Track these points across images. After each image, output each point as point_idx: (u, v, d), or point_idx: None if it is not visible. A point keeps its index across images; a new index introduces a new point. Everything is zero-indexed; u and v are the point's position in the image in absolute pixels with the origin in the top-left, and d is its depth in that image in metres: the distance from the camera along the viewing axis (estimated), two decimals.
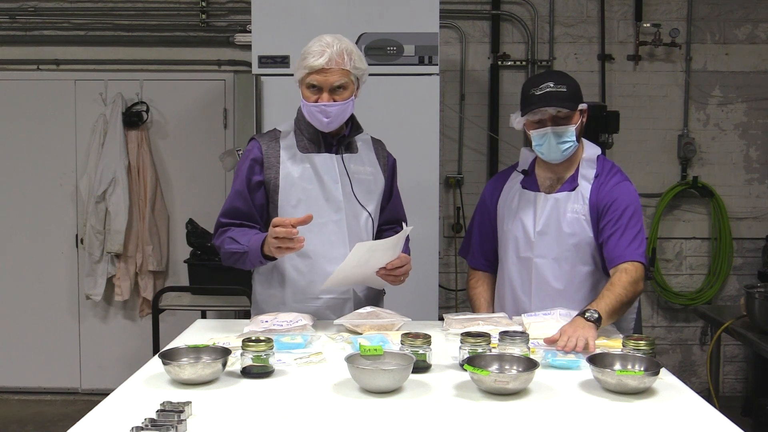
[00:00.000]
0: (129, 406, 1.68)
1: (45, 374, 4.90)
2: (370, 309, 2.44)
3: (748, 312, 3.25)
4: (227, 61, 4.81)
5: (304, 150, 2.48)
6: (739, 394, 4.88)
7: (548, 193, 2.53)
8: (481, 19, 4.83)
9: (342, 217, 2.48)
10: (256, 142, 2.52)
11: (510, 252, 2.58)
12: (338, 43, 2.39)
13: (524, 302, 2.54)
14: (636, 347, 1.95)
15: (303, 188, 2.46)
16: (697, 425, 1.62)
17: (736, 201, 4.88)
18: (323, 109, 2.40)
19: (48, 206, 4.88)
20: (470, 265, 2.79)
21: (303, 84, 2.43)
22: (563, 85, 2.43)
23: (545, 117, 2.44)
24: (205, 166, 4.82)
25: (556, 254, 2.49)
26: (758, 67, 4.83)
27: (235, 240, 2.42)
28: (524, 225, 2.54)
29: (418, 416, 1.64)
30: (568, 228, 2.48)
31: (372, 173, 2.57)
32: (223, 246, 2.45)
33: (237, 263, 2.45)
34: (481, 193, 2.77)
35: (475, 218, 2.77)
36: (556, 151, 2.46)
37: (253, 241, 2.37)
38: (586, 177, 2.52)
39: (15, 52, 4.85)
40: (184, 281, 4.60)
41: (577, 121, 2.47)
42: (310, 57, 2.37)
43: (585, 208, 2.48)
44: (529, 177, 2.61)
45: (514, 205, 2.59)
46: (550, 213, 2.50)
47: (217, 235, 2.51)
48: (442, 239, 4.73)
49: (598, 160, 2.55)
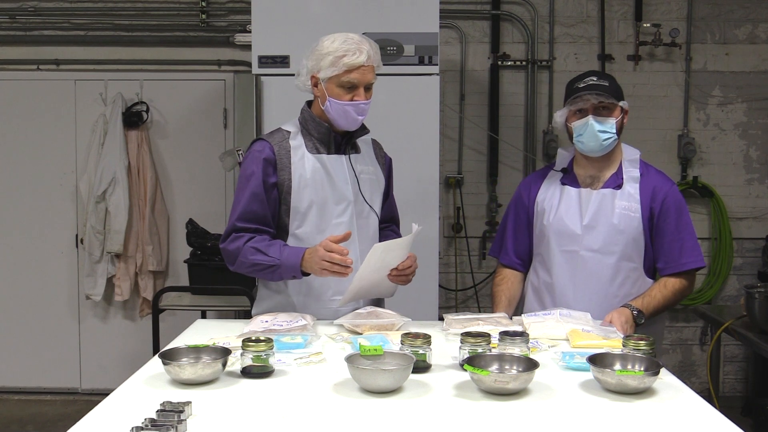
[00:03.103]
0: (129, 406, 1.68)
1: (45, 374, 4.90)
2: (370, 309, 2.44)
3: (748, 312, 3.25)
4: (227, 61, 4.81)
5: (313, 151, 2.46)
6: (739, 394, 4.88)
7: (595, 190, 2.57)
8: (481, 19, 4.83)
9: (353, 217, 2.48)
10: (265, 142, 2.46)
11: (553, 245, 2.58)
12: (367, 41, 2.40)
13: (566, 295, 2.55)
14: (636, 347, 1.94)
15: (315, 190, 2.44)
16: (697, 425, 1.62)
17: (736, 201, 4.88)
18: (360, 107, 2.40)
19: (48, 206, 4.88)
20: (502, 263, 2.78)
21: (333, 82, 2.38)
22: (606, 80, 2.55)
23: (587, 106, 2.51)
24: (205, 166, 4.82)
25: (603, 248, 2.52)
26: (758, 67, 4.83)
27: (260, 251, 2.36)
28: (569, 219, 2.56)
29: (418, 416, 1.64)
30: (619, 223, 2.51)
31: (374, 173, 2.59)
32: (246, 256, 2.37)
33: (258, 273, 2.41)
34: (516, 192, 2.78)
35: (509, 217, 2.77)
36: (595, 140, 2.51)
37: (287, 255, 2.34)
38: (632, 176, 2.57)
39: (15, 52, 4.85)
40: (184, 281, 4.60)
41: (618, 116, 2.54)
42: (349, 55, 2.34)
43: (636, 207, 2.52)
44: (568, 175, 2.64)
45: (556, 200, 2.61)
46: (598, 207, 2.54)
47: (230, 239, 2.42)
48: (442, 239, 4.73)
49: (640, 162, 2.63)
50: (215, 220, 4.75)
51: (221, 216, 4.82)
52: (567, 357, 2.02)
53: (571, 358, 2.01)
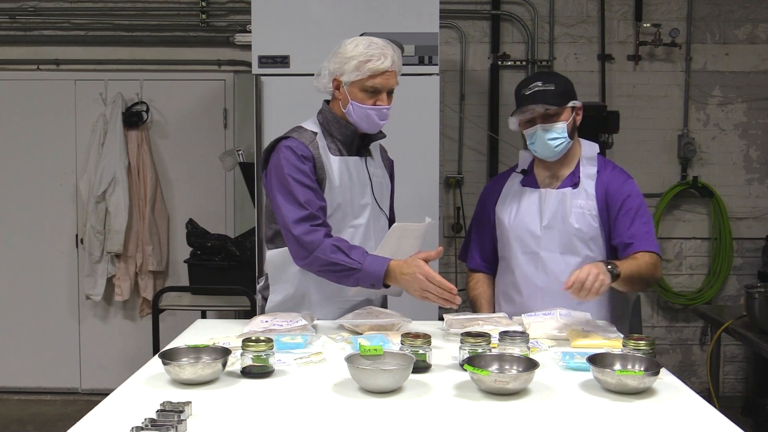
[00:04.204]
0: (129, 406, 1.68)
1: (45, 374, 4.90)
2: (370, 309, 2.45)
3: (748, 312, 3.25)
4: (227, 61, 4.81)
5: (337, 153, 2.46)
6: (739, 394, 4.88)
7: (552, 189, 2.56)
8: (481, 19, 4.83)
9: (370, 221, 2.50)
10: (298, 141, 2.40)
11: (515, 248, 2.59)
12: (391, 46, 2.41)
13: (532, 297, 2.54)
14: (636, 347, 1.94)
15: (342, 192, 2.44)
16: (697, 425, 1.62)
17: (736, 201, 4.88)
18: (383, 112, 2.41)
19: (48, 206, 4.88)
20: (469, 267, 2.81)
21: (356, 86, 2.38)
22: (551, 83, 2.50)
23: (535, 115, 2.50)
24: (205, 166, 4.82)
25: (563, 248, 2.52)
26: (758, 67, 4.83)
27: (342, 251, 2.28)
28: (529, 220, 2.56)
29: (418, 416, 1.64)
30: (577, 222, 2.50)
31: (383, 176, 2.62)
32: (326, 253, 2.28)
33: (330, 275, 2.33)
34: (480, 196, 2.80)
35: (473, 221, 2.82)
36: (547, 147, 2.51)
37: (370, 263, 2.27)
38: (588, 174, 2.55)
39: (15, 52, 4.85)
40: (184, 281, 4.60)
41: (567, 118, 2.51)
42: (374, 60, 2.35)
43: (591, 204, 2.51)
44: (528, 176, 2.64)
45: (516, 202, 2.61)
46: (556, 208, 2.53)
47: (306, 230, 2.30)
48: (442, 239, 4.73)
49: (598, 158, 2.60)
50: (215, 220, 4.75)
51: (221, 216, 4.82)
52: (567, 357, 2.02)
53: (571, 358, 2.01)
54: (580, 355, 2.01)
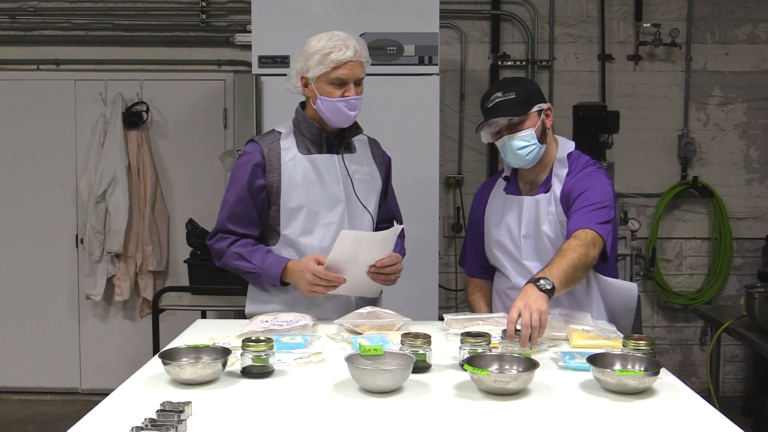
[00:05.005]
0: (129, 406, 1.68)
1: (45, 374, 4.90)
2: (370, 309, 2.44)
3: (748, 312, 3.25)
4: (227, 61, 4.81)
5: (305, 151, 2.48)
6: (739, 394, 4.88)
7: (529, 196, 2.54)
8: (481, 19, 4.83)
9: (344, 218, 2.48)
10: (256, 145, 2.49)
11: (500, 257, 2.58)
12: (354, 37, 2.42)
13: None
14: (636, 347, 1.94)
15: (305, 191, 2.45)
16: (697, 425, 1.62)
17: (736, 201, 4.88)
18: (351, 103, 2.40)
19: (48, 206, 4.88)
20: (467, 273, 2.80)
21: (323, 80, 2.39)
22: (512, 92, 2.44)
23: (500, 127, 2.47)
24: (205, 166, 4.82)
25: (542, 257, 2.47)
26: (758, 67, 4.83)
27: (243, 257, 2.45)
28: (510, 229, 2.55)
29: (418, 416, 1.64)
30: (550, 231, 2.48)
31: (370, 172, 2.58)
32: (230, 261, 2.47)
33: (242, 276, 2.50)
34: (472, 202, 2.79)
35: (468, 227, 2.80)
36: (518, 157, 2.47)
37: (269, 265, 2.42)
38: (559, 176, 2.51)
39: (15, 52, 4.85)
40: (184, 281, 4.60)
41: (534, 124, 2.46)
42: (336, 51, 2.35)
43: (558, 209, 2.47)
44: (511, 183, 2.62)
45: (500, 210, 2.60)
46: (532, 216, 2.51)
47: (216, 239, 2.51)
48: (442, 239, 4.73)
49: (570, 158, 2.54)
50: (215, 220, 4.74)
51: None
52: (567, 357, 2.02)
53: (571, 358, 2.01)
54: (580, 355, 2.01)
